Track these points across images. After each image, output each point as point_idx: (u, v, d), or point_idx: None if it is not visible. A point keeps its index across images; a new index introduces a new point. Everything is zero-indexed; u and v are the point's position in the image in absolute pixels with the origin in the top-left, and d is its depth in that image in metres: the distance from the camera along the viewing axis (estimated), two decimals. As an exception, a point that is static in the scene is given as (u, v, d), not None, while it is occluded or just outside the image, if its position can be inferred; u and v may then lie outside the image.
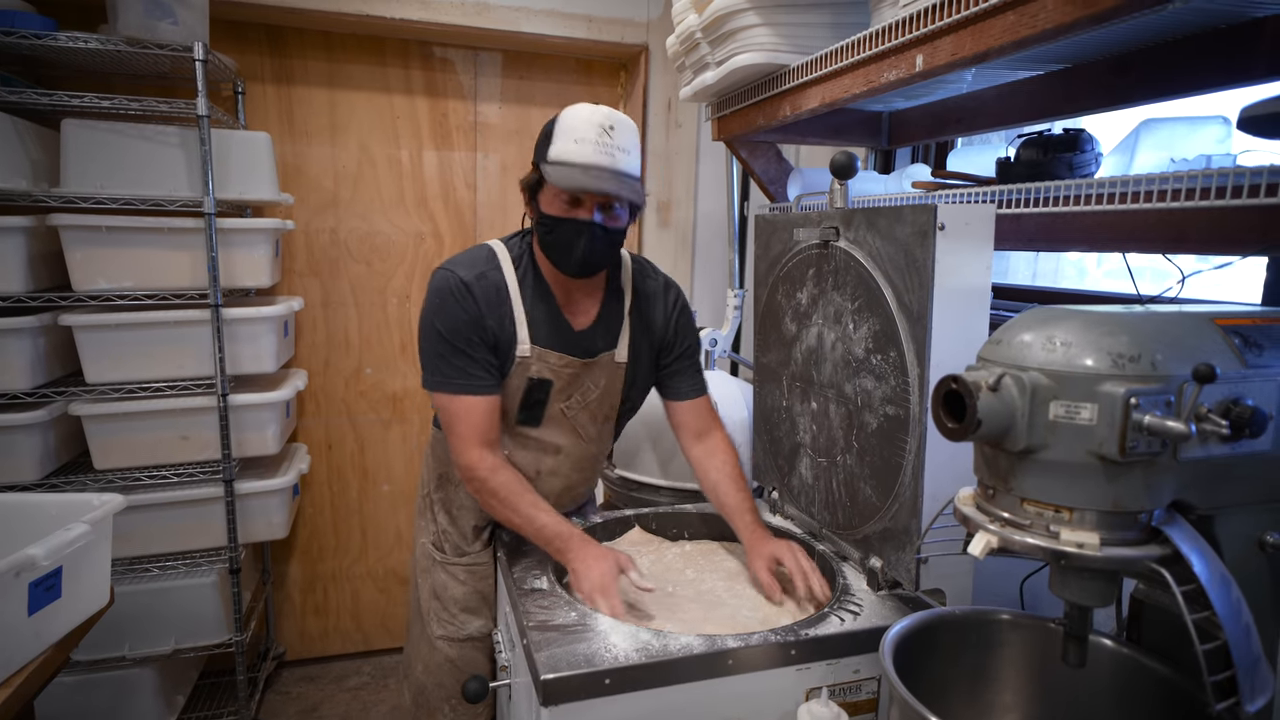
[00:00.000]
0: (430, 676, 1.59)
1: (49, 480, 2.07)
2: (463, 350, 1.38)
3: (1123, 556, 0.74)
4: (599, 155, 1.30)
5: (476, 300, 1.38)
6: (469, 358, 1.38)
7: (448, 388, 1.39)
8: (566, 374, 1.45)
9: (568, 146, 1.30)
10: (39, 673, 1.18)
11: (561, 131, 1.32)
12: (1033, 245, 1.32)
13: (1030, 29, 0.92)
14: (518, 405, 1.46)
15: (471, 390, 1.39)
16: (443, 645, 1.57)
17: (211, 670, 2.61)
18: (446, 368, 1.38)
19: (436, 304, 1.39)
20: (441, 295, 1.39)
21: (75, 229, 2.00)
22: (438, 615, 1.58)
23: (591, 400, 1.51)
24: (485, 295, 1.39)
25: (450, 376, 1.38)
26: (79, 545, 1.22)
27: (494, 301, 1.40)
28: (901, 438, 1.20)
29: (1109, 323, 0.75)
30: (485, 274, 1.41)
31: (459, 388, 1.38)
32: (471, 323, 1.38)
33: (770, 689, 1.14)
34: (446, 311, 1.38)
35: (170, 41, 1.96)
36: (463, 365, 1.38)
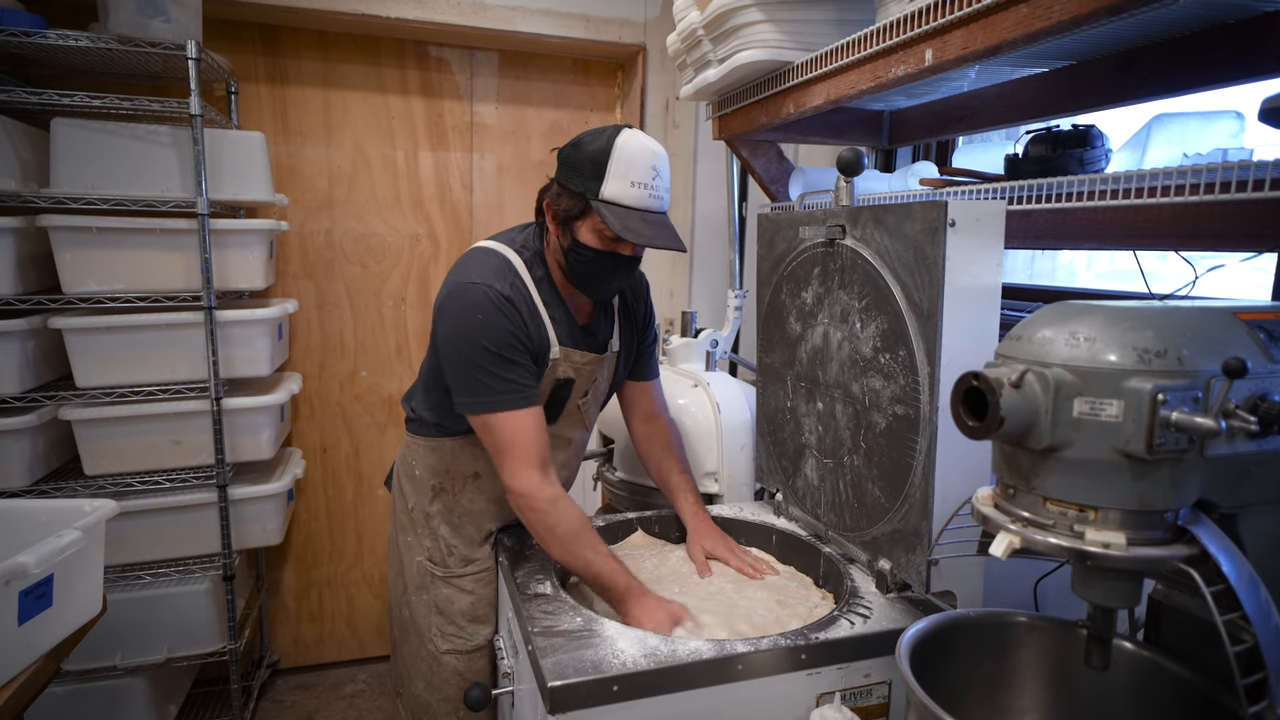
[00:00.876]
0: (434, 693, 1.55)
1: (38, 486, 2.03)
2: (509, 359, 1.33)
3: (1150, 556, 0.72)
4: (652, 200, 1.31)
5: (519, 310, 1.36)
6: (517, 365, 1.34)
7: (499, 406, 1.32)
8: (586, 370, 1.48)
9: (625, 189, 1.29)
10: (30, 684, 1.14)
11: (617, 170, 1.28)
12: (1041, 243, 1.31)
13: (1044, 21, 0.91)
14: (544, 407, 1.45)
15: (524, 404, 1.34)
16: (450, 659, 1.53)
17: (204, 679, 2.57)
18: (497, 384, 1.32)
19: (480, 320, 1.32)
20: (485, 310, 1.33)
21: (65, 230, 1.96)
22: (441, 630, 1.54)
23: (600, 392, 1.57)
24: (522, 304, 1.37)
25: (500, 393, 1.32)
26: (71, 552, 1.19)
27: (529, 310, 1.39)
28: (911, 437, 1.18)
29: (1133, 318, 0.74)
30: (514, 284, 1.38)
31: (512, 403, 1.33)
32: (516, 334, 1.34)
33: (781, 694, 1.12)
34: (494, 326, 1.32)
35: (163, 40, 1.93)
36: (513, 379, 1.33)
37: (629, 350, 1.61)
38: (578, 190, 1.32)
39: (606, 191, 1.29)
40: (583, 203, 1.31)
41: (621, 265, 1.37)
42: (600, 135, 1.32)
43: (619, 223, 1.28)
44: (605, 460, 1.99)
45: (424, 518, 1.56)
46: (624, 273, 1.39)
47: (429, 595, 1.55)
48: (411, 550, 1.57)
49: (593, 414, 1.59)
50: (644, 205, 1.31)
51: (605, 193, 1.29)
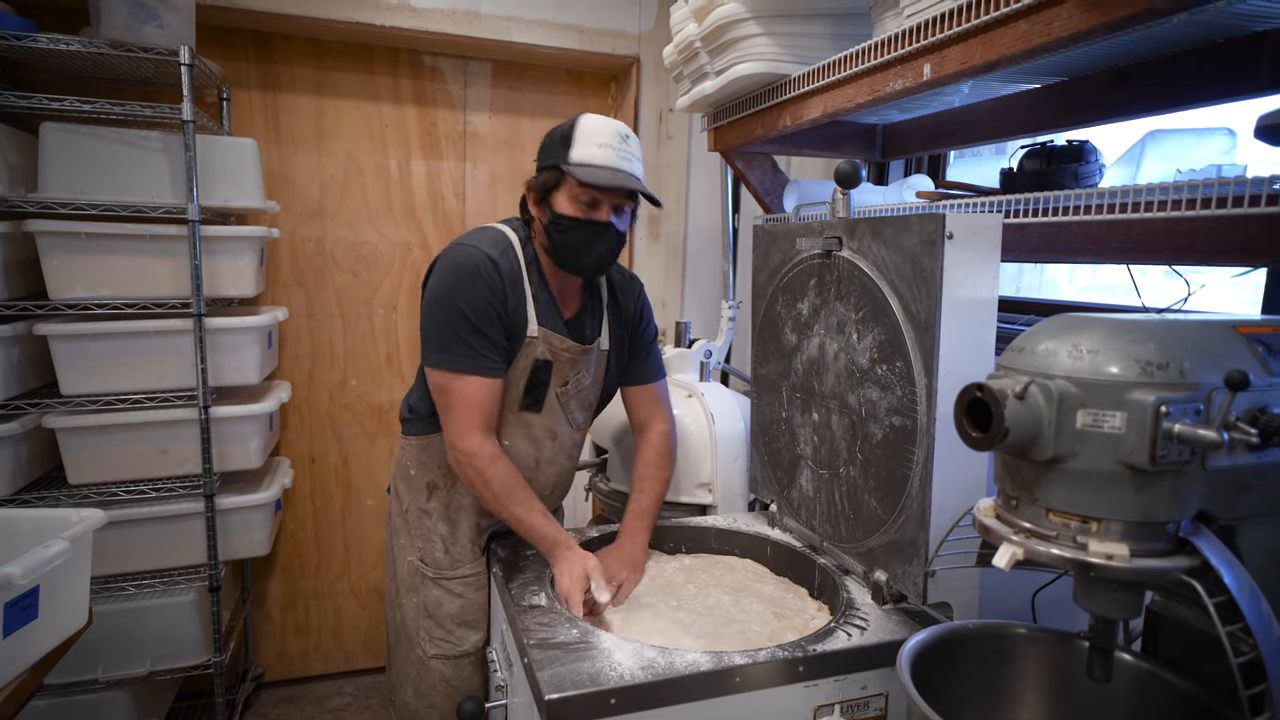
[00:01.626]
0: (422, 699, 1.54)
1: (20, 496, 1.99)
2: (481, 330, 1.38)
3: (1153, 568, 0.73)
4: (620, 160, 1.38)
5: (502, 278, 1.40)
6: (486, 338, 1.39)
7: (457, 366, 1.38)
8: (565, 357, 1.50)
9: (591, 150, 1.36)
10: (13, 698, 1.12)
11: (583, 136, 1.37)
12: (1035, 256, 1.32)
13: (1044, 38, 0.92)
14: (523, 388, 1.47)
15: (482, 371, 1.39)
16: (437, 665, 1.52)
17: (188, 692, 2.52)
18: (459, 346, 1.38)
19: (462, 278, 1.38)
20: (469, 271, 1.38)
21: (52, 235, 1.94)
22: (430, 634, 1.53)
23: (584, 388, 1.56)
24: (508, 274, 1.42)
25: (461, 355, 1.38)
26: (58, 563, 1.17)
27: (509, 282, 1.42)
28: (908, 449, 1.19)
29: (1135, 330, 0.74)
30: (505, 253, 1.44)
31: (469, 367, 1.38)
32: (495, 301, 1.39)
33: (778, 707, 1.11)
34: (473, 288, 1.38)
35: (155, 45, 1.91)
36: (478, 345, 1.38)
37: (622, 353, 1.62)
38: (550, 164, 1.40)
39: (574, 156, 1.36)
40: (556, 173, 1.39)
41: (600, 233, 1.40)
42: (567, 120, 1.42)
43: (586, 174, 1.34)
44: (598, 470, 1.98)
45: (419, 516, 1.56)
46: (604, 242, 1.41)
47: (419, 597, 1.54)
48: (404, 551, 1.57)
49: (577, 411, 1.57)
50: (612, 164, 1.36)
51: (573, 157, 1.36)
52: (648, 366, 1.66)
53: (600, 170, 1.36)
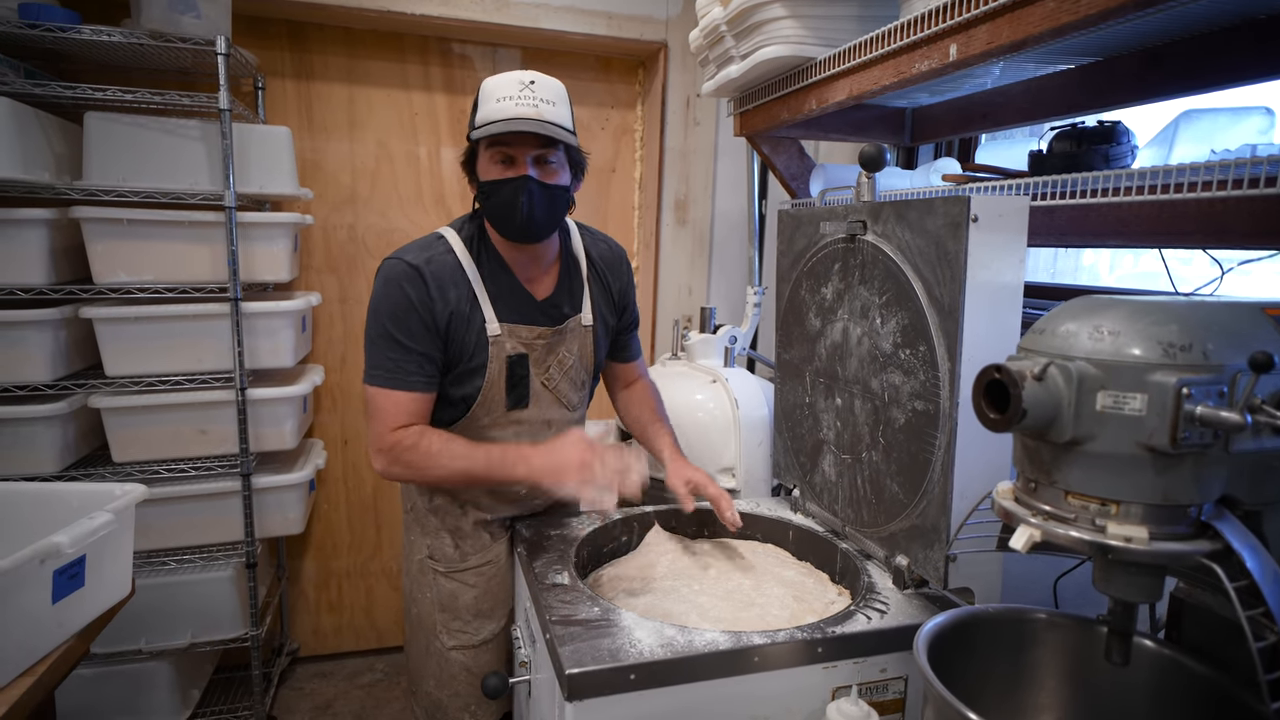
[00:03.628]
0: (444, 689, 1.54)
1: (68, 473, 2.07)
2: (400, 341, 1.34)
3: (1172, 551, 0.72)
4: (522, 108, 1.30)
5: (427, 283, 1.35)
6: (405, 350, 1.35)
7: (375, 380, 1.36)
8: (540, 345, 1.46)
9: (491, 107, 1.31)
10: (61, 662, 1.17)
11: (485, 96, 1.33)
12: (1064, 240, 1.30)
13: (1072, 15, 0.90)
14: (504, 389, 1.45)
15: (401, 385, 1.35)
16: (456, 655, 1.53)
17: (226, 665, 2.61)
18: (379, 358, 1.35)
19: (381, 292, 1.36)
20: (388, 283, 1.35)
21: (97, 222, 2.00)
22: (447, 626, 1.53)
23: (570, 367, 1.52)
24: (437, 277, 1.36)
25: (382, 369, 1.35)
26: (103, 534, 1.22)
27: (447, 283, 1.37)
28: (931, 433, 1.18)
29: (1157, 312, 0.74)
30: (434, 257, 1.38)
31: (385, 380, 1.35)
32: (419, 308, 1.34)
33: (797, 687, 1.12)
34: (391, 298, 1.34)
35: (193, 35, 1.96)
36: (397, 358, 1.35)
37: (608, 326, 1.60)
38: (466, 138, 1.38)
39: (478, 118, 1.33)
40: (471, 145, 1.38)
41: (520, 187, 1.33)
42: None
43: (485, 131, 1.30)
44: (623, 455, 2.00)
45: (425, 513, 1.55)
46: (524, 195, 1.33)
47: (432, 592, 1.54)
48: (414, 548, 1.57)
49: (567, 391, 1.53)
50: (511, 114, 1.29)
51: (477, 119, 1.33)
52: (633, 344, 1.70)
53: (497, 123, 1.29)
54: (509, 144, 1.33)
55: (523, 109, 1.30)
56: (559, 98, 1.36)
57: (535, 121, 1.29)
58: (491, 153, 1.34)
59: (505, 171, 1.34)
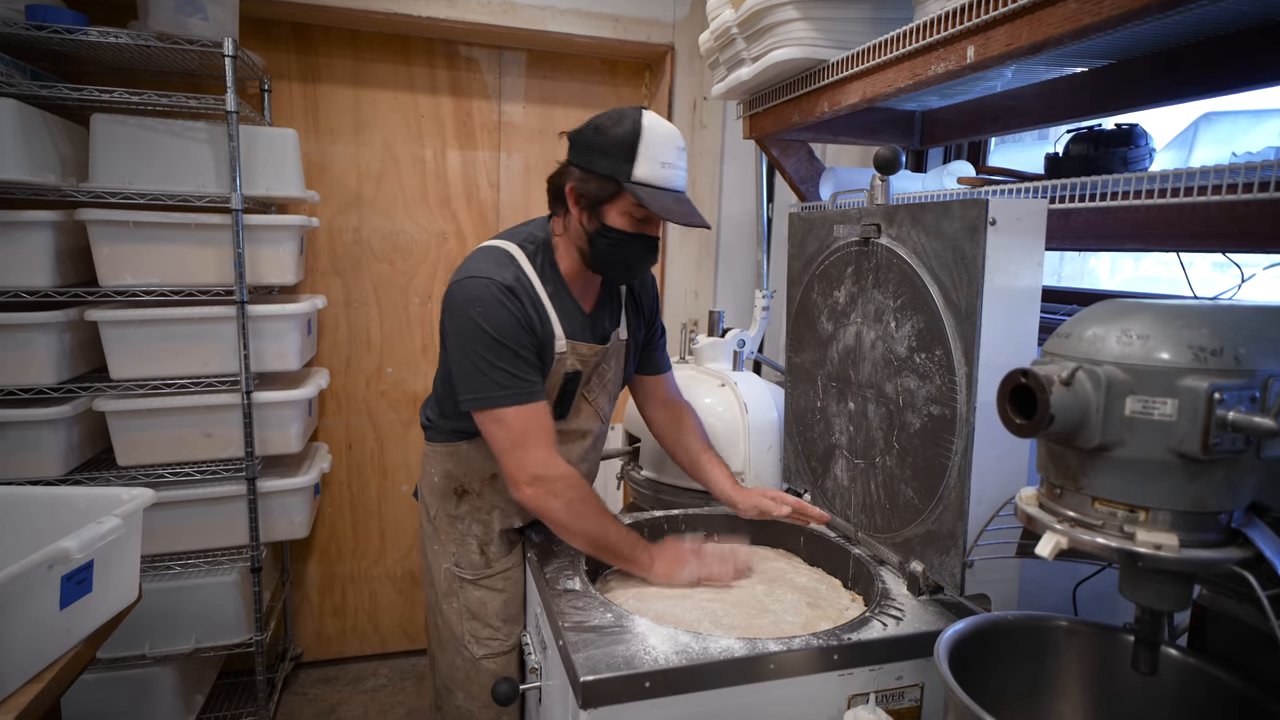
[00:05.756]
0: (475, 700, 1.52)
1: (72, 476, 2.06)
2: (520, 355, 1.33)
3: (1203, 559, 0.71)
4: (679, 180, 1.35)
5: (521, 301, 1.35)
6: (526, 363, 1.34)
7: (507, 400, 1.31)
8: (592, 362, 1.48)
9: (656, 170, 1.31)
10: (69, 668, 1.16)
11: (648, 152, 1.30)
12: (1081, 244, 1.29)
13: (1094, 16, 0.90)
14: (554, 401, 1.45)
15: (534, 397, 1.33)
16: (487, 664, 1.51)
17: (230, 670, 2.60)
18: (503, 378, 1.31)
19: (482, 311, 1.31)
20: (487, 302, 1.32)
21: (103, 224, 1.99)
22: (476, 635, 1.51)
23: (608, 381, 1.55)
24: (525, 294, 1.37)
25: (507, 387, 1.31)
26: (111, 539, 1.21)
27: (528, 301, 1.38)
28: (947, 438, 1.17)
29: (1187, 315, 0.73)
30: (518, 275, 1.38)
31: (520, 397, 1.31)
32: (521, 325, 1.34)
33: (812, 695, 1.11)
34: (497, 317, 1.31)
35: (200, 37, 1.96)
36: (521, 372, 1.32)
37: (639, 339, 1.62)
38: (606, 174, 1.32)
39: (639, 173, 1.30)
40: (613, 186, 1.32)
41: (650, 245, 1.40)
42: (622, 118, 1.33)
43: (655, 203, 1.30)
44: (631, 459, 1.99)
45: (449, 521, 1.54)
46: (651, 254, 1.42)
47: (459, 601, 1.52)
48: (439, 558, 1.55)
49: (603, 404, 1.56)
50: (673, 185, 1.34)
51: (638, 174, 1.30)
52: (660, 356, 1.68)
53: (665, 195, 1.32)
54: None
55: (678, 182, 1.35)
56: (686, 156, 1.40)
57: (689, 202, 1.37)
58: (636, 207, 1.33)
59: (640, 227, 1.37)
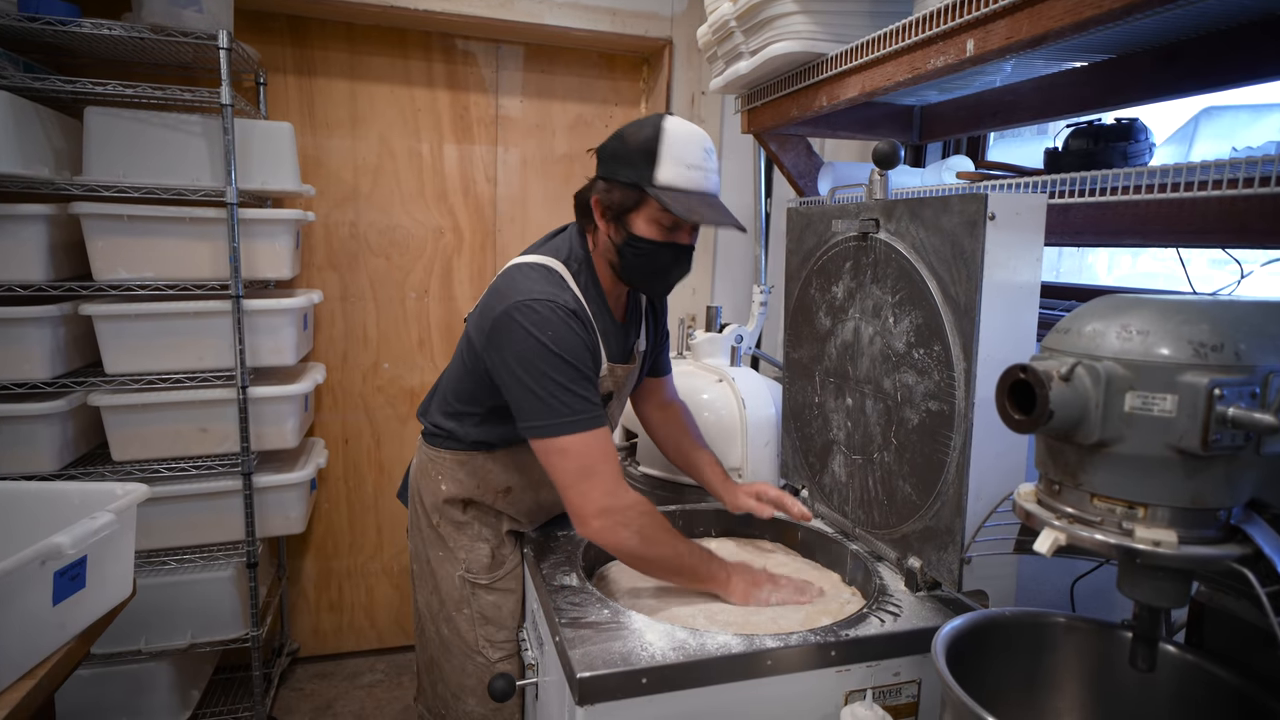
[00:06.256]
0: (486, 704, 1.47)
1: (67, 471, 2.05)
2: (590, 379, 1.27)
3: (1202, 555, 0.71)
4: (707, 182, 1.29)
5: (584, 322, 1.31)
6: (592, 385, 1.28)
7: (576, 427, 1.23)
8: (623, 381, 1.48)
9: (681, 172, 1.25)
10: (63, 664, 1.15)
11: (670, 154, 1.25)
12: (1080, 239, 1.29)
13: (1096, 9, 0.89)
14: None
15: (600, 422, 1.26)
16: (502, 666, 1.47)
17: (226, 665, 2.59)
18: (575, 403, 1.23)
19: (553, 336, 1.23)
20: (555, 326, 1.24)
21: (97, 217, 1.98)
22: (491, 640, 1.47)
23: (626, 394, 1.55)
24: (584, 318, 1.32)
25: (579, 413, 1.23)
26: (104, 534, 1.20)
27: (587, 325, 1.33)
28: (945, 434, 1.17)
29: (1187, 311, 0.72)
30: (575, 297, 1.33)
31: (589, 423, 1.24)
32: (587, 348, 1.28)
33: (809, 691, 1.11)
34: (567, 340, 1.24)
35: (195, 29, 1.94)
36: (590, 395, 1.26)
37: (652, 348, 1.61)
38: (629, 181, 1.27)
39: (661, 177, 1.25)
40: (637, 193, 1.27)
41: (681, 254, 1.34)
42: (645, 125, 1.28)
43: (681, 206, 1.24)
44: (628, 455, 1.99)
45: (455, 528, 1.48)
46: (684, 262, 1.35)
47: (471, 609, 1.47)
48: (445, 565, 1.48)
49: (617, 415, 1.57)
50: (701, 187, 1.28)
51: (660, 178, 1.25)
52: (664, 359, 1.67)
53: (691, 197, 1.26)
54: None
55: (709, 184, 1.29)
56: (717, 158, 1.34)
57: (719, 204, 1.30)
58: (663, 215, 1.28)
59: (670, 236, 1.30)
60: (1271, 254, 1.11)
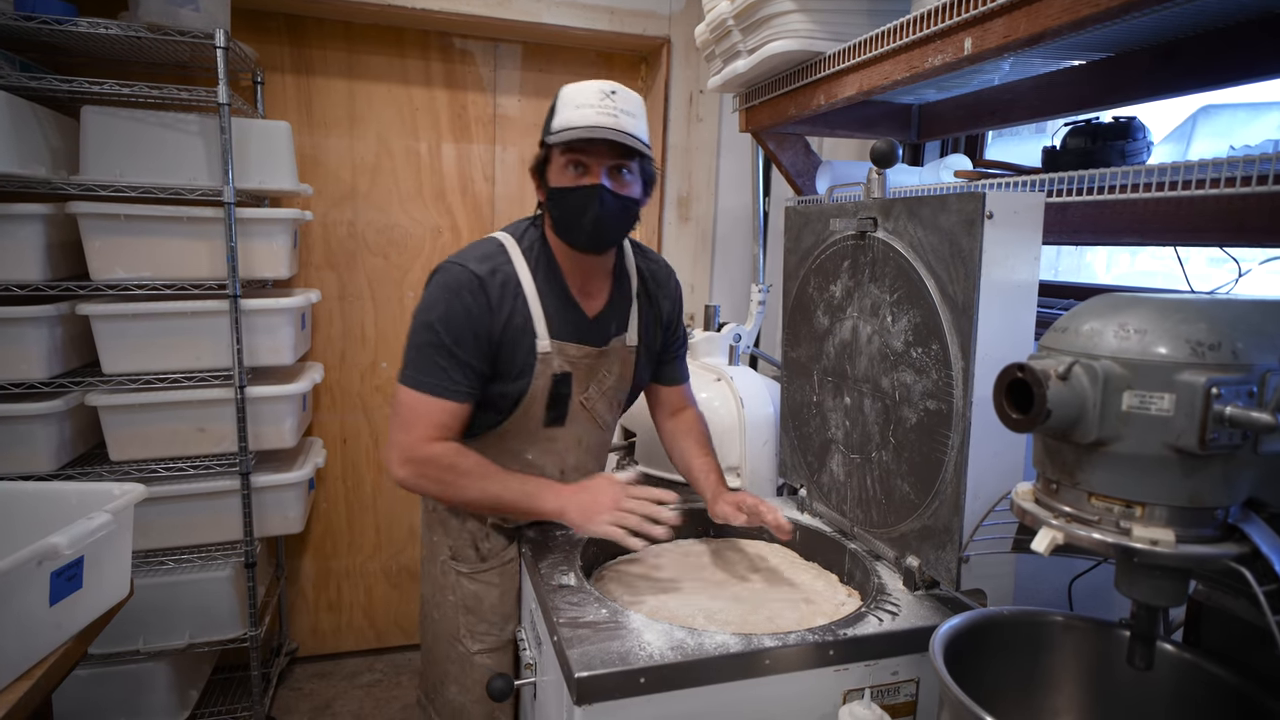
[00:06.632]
0: (468, 694, 1.50)
1: (64, 471, 2.05)
2: (450, 349, 1.32)
3: (1200, 554, 0.71)
4: (602, 117, 1.28)
5: (488, 295, 1.34)
6: (454, 358, 1.32)
7: (420, 386, 1.32)
8: (584, 364, 1.44)
9: (570, 114, 1.29)
10: (60, 665, 1.15)
11: (564, 103, 1.32)
12: (1078, 238, 1.29)
13: (1093, 8, 0.89)
14: (545, 405, 1.42)
15: (445, 393, 1.32)
16: (481, 659, 1.50)
17: (224, 665, 2.59)
18: (427, 364, 1.32)
19: (439, 297, 1.32)
20: (449, 289, 1.32)
21: (94, 217, 1.98)
22: (471, 630, 1.50)
23: (608, 388, 1.51)
24: (499, 290, 1.35)
25: (424, 372, 1.32)
26: (101, 535, 1.20)
27: (507, 296, 1.36)
28: (943, 433, 1.17)
29: (1185, 310, 0.72)
30: (498, 268, 1.36)
31: (429, 387, 1.32)
32: (475, 320, 1.33)
33: (808, 690, 1.11)
34: (449, 303, 1.32)
35: (191, 28, 1.94)
36: (445, 365, 1.32)
37: (653, 347, 1.58)
38: (540, 143, 1.36)
39: (556, 124, 1.31)
40: (543, 149, 1.36)
41: (591, 195, 1.31)
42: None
43: (565, 135, 1.28)
44: (626, 454, 1.99)
45: (446, 515, 1.53)
46: (596, 204, 1.32)
47: (455, 595, 1.51)
48: (436, 549, 1.54)
49: (603, 412, 1.53)
50: (592, 122, 1.27)
51: (555, 125, 1.31)
52: (679, 368, 1.65)
53: (577, 130, 1.28)
54: (585, 152, 1.31)
55: (603, 118, 1.28)
56: (638, 110, 1.34)
57: (615, 131, 1.28)
58: (566, 159, 1.31)
59: (579, 179, 1.32)
60: (1270, 252, 1.11)
